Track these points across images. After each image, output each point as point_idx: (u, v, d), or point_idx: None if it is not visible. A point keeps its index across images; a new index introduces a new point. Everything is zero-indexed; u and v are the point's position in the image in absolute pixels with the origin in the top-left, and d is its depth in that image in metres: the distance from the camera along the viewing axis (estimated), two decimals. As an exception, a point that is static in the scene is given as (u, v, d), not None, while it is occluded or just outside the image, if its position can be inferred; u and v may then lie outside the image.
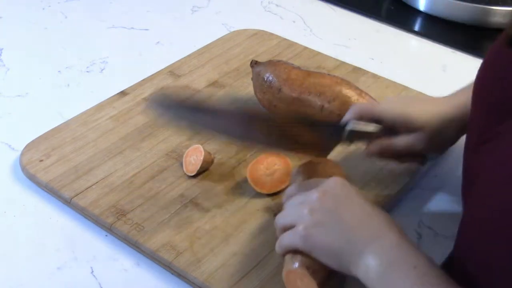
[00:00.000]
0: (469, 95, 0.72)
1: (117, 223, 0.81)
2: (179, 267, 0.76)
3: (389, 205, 0.87)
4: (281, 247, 0.71)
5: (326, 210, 0.68)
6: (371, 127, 0.85)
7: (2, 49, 1.17)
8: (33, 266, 0.78)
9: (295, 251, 0.69)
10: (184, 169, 0.88)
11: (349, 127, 0.84)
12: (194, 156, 0.88)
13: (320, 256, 0.67)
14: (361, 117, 0.84)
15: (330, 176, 0.74)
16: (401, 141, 0.84)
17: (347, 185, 0.70)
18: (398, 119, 0.83)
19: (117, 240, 0.81)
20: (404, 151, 0.85)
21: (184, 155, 0.89)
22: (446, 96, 0.86)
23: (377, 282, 0.63)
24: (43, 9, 1.30)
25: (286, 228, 0.71)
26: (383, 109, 0.84)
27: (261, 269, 0.76)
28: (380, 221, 0.67)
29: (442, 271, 0.63)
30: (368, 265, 0.63)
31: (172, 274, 0.77)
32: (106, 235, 0.82)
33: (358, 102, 0.89)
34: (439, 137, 0.83)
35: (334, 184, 0.70)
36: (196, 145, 0.89)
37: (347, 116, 0.85)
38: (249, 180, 0.85)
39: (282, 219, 0.72)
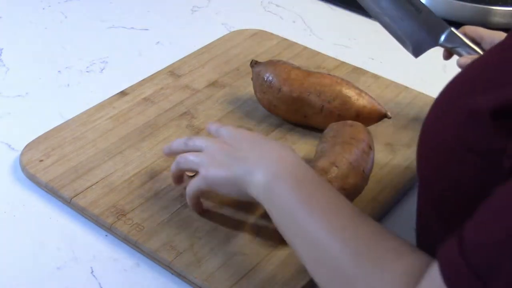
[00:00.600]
0: None
1: (117, 223, 0.81)
2: (179, 267, 0.76)
3: (389, 205, 0.87)
4: (190, 194, 0.79)
5: (223, 152, 0.74)
6: (468, 43, 0.92)
7: (2, 49, 1.17)
8: (33, 266, 0.78)
9: None
10: None
11: (452, 29, 0.92)
12: None
13: (221, 189, 0.75)
14: (465, 32, 0.93)
15: (354, 138, 0.83)
16: None
17: (244, 132, 0.78)
18: (497, 38, 0.89)
19: (117, 240, 0.81)
20: None
21: None
22: None
23: (264, 195, 0.69)
24: (43, 9, 1.30)
25: (183, 171, 0.81)
26: (486, 30, 0.92)
27: (261, 269, 0.76)
28: (271, 146, 0.73)
29: (324, 180, 0.69)
30: (257, 181, 0.69)
31: (172, 274, 0.77)
32: (106, 235, 0.82)
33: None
34: None
35: (231, 133, 0.77)
36: None
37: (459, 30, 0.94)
38: None
39: (183, 163, 0.79)
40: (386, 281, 0.58)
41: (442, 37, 0.94)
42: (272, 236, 0.80)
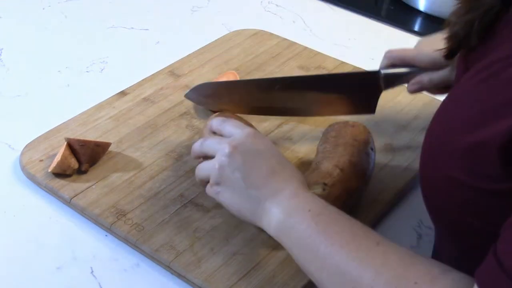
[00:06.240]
0: None
1: (117, 223, 0.81)
2: (179, 267, 0.76)
3: (389, 205, 0.87)
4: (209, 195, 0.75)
5: (234, 167, 0.71)
6: (404, 69, 0.88)
7: (2, 49, 1.17)
8: (33, 266, 0.78)
9: None
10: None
11: (383, 71, 0.88)
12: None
13: (229, 209, 0.73)
14: (394, 64, 0.89)
15: (355, 139, 0.83)
16: (438, 75, 0.86)
17: (258, 139, 0.73)
18: (427, 61, 0.86)
19: (117, 240, 0.81)
20: (443, 83, 0.87)
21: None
22: None
23: (277, 230, 0.68)
24: (43, 9, 1.30)
25: (205, 179, 0.75)
26: (414, 54, 0.88)
27: (261, 269, 0.76)
28: (282, 177, 0.71)
29: (336, 209, 0.67)
30: (269, 217, 0.68)
31: (172, 274, 0.77)
32: (106, 235, 0.82)
33: (391, 49, 0.91)
34: None
35: (246, 138, 0.73)
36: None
37: (381, 64, 0.90)
38: None
39: (199, 171, 0.75)
40: None
41: (381, 83, 0.89)
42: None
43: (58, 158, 0.86)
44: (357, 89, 0.91)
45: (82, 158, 0.87)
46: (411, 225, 0.85)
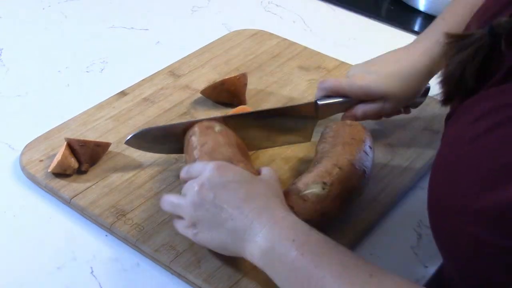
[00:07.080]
0: (434, 37, 0.82)
1: (117, 223, 0.81)
2: (179, 267, 0.76)
3: (389, 205, 0.87)
4: (179, 231, 0.75)
5: (206, 203, 0.70)
6: (339, 100, 0.90)
7: (2, 49, 1.17)
8: (33, 266, 0.78)
9: None
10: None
11: (320, 103, 0.90)
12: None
13: (211, 248, 0.73)
14: (329, 95, 0.91)
15: (354, 138, 0.83)
16: (371, 108, 0.89)
17: (225, 170, 0.72)
18: (360, 94, 0.89)
19: (117, 240, 0.81)
20: (376, 116, 0.91)
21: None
22: (410, 44, 0.91)
23: (261, 262, 0.67)
24: (43, 9, 1.30)
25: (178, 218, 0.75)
26: (347, 86, 0.89)
27: (261, 269, 0.76)
28: (257, 203, 0.69)
29: (321, 236, 0.65)
30: (251, 248, 0.67)
31: (172, 274, 0.77)
32: (106, 235, 0.82)
33: (324, 79, 0.92)
34: (405, 93, 0.89)
35: (211, 172, 0.71)
36: None
37: (317, 94, 0.91)
38: None
39: (174, 211, 0.75)
40: None
41: (318, 113, 0.90)
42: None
43: (58, 158, 0.86)
44: (296, 120, 0.90)
45: (82, 158, 0.87)
46: (411, 225, 0.85)
